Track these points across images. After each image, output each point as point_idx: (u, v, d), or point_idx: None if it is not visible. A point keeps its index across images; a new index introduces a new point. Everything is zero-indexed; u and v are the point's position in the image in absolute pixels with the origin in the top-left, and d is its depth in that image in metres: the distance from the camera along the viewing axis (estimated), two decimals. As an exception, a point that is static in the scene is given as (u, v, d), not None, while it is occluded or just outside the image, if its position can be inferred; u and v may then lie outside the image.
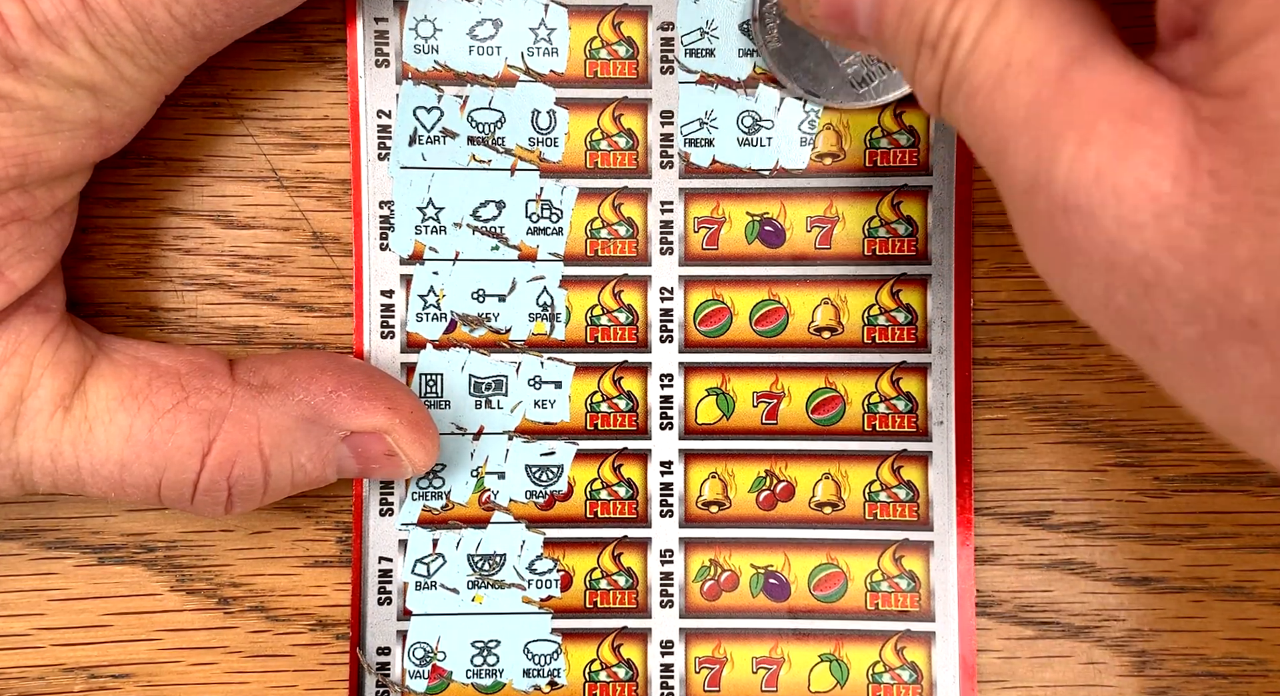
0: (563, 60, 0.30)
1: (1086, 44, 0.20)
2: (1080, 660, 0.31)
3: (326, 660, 0.30)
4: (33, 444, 0.26)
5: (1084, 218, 0.19)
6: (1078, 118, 0.19)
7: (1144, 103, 0.18)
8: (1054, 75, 0.20)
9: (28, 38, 0.23)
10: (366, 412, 0.27)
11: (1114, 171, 0.18)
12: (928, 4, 0.22)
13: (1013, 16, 0.21)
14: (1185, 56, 0.19)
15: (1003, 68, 0.20)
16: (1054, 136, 0.19)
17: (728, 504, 0.31)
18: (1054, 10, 0.20)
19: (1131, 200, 0.18)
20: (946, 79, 0.22)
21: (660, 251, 0.30)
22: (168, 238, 0.30)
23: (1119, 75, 0.19)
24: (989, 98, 0.20)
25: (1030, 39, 0.20)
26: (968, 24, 0.21)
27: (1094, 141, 0.18)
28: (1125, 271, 0.18)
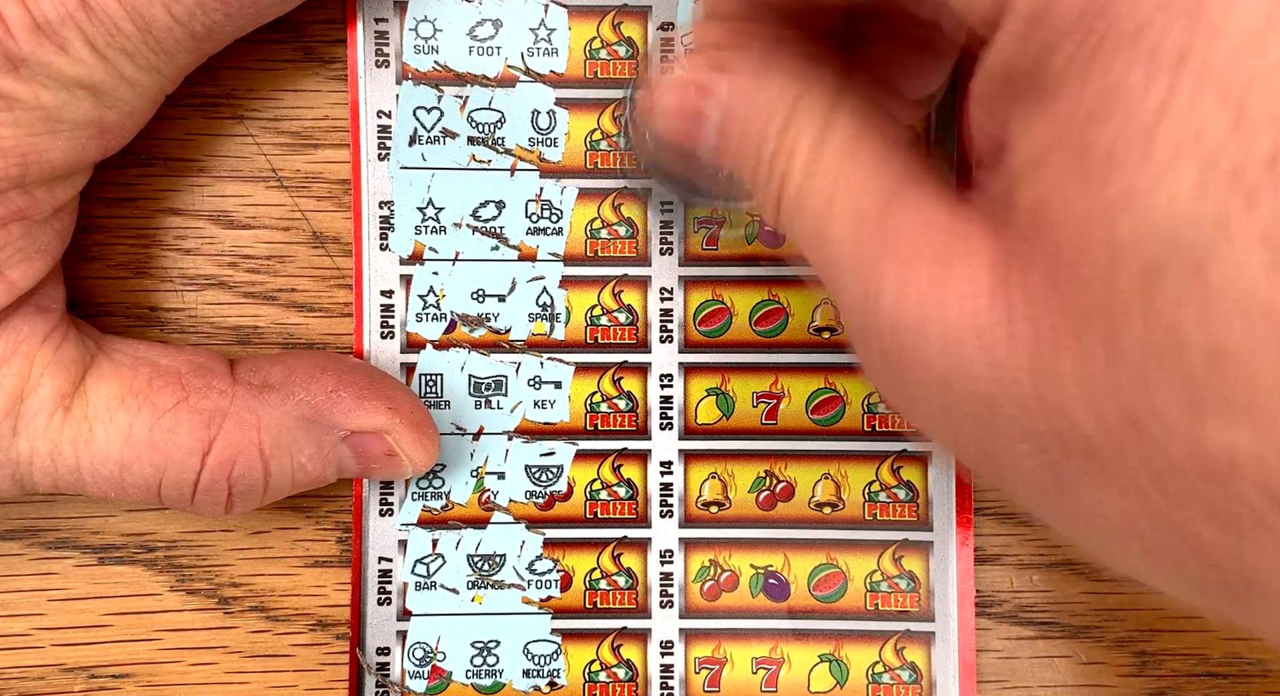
0: (563, 60, 0.30)
1: (902, 183, 0.20)
2: (1080, 660, 0.31)
3: (326, 660, 0.30)
4: (33, 444, 0.26)
5: (914, 347, 0.19)
6: (897, 254, 0.19)
7: (956, 236, 0.19)
8: (873, 216, 0.20)
9: (28, 38, 0.23)
10: (367, 412, 0.27)
11: (934, 301, 0.18)
12: (757, 142, 0.22)
13: (834, 156, 0.21)
14: (996, 175, 0.19)
15: (826, 208, 0.21)
16: (877, 273, 0.20)
17: (727, 504, 0.31)
18: (872, 152, 0.21)
19: (954, 326, 0.18)
20: (780, 211, 0.22)
21: (660, 251, 0.30)
22: (168, 238, 0.30)
23: (933, 212, 0.20)
24: (816, 236, 0.21)
25: (850, 179, 0.21)
26: (794, 164, 0.22)
27: (913, 275, 0.19)
28: (960, 396, 0.18)
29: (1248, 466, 0.15)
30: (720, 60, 0.23)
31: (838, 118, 0.22)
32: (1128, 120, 0.15)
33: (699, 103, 0.23)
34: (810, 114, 0.22)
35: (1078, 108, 0.16)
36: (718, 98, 0.23)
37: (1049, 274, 0.16)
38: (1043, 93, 0.17)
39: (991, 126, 0.19)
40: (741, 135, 0.23)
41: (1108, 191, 0.15)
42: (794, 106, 0.22)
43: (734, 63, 0.23)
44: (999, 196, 0.18)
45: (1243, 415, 0.14)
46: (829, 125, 0.22)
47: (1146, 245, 0.15)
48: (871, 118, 0.22)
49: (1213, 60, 0.14)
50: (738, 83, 0.23)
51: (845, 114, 0.22)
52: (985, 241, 0.18)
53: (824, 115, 0.22)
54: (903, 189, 0.20)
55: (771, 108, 0.22)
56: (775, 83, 0.23)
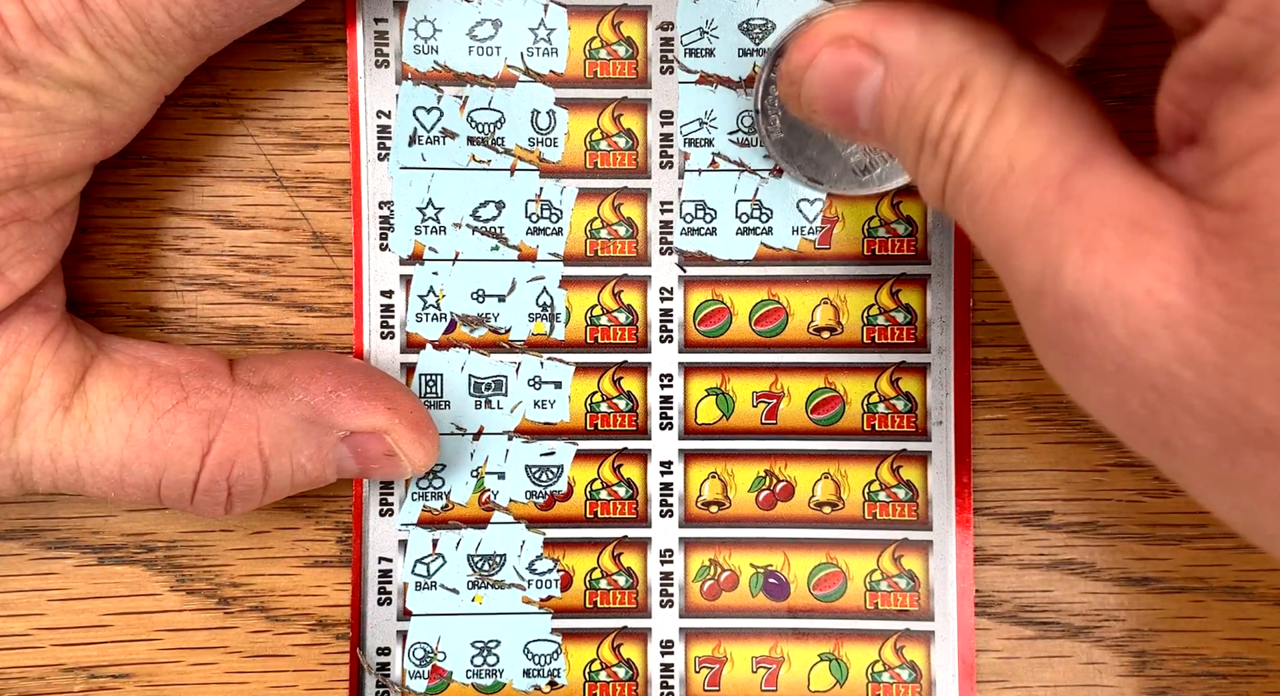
0: (562, 60, 0.30)
1: (1088, 149, 0.20)
2: (1080, 660, 0.31)
3: (326, 660, 0.30)
4: (33, 444, 0.26)
5: (1093, 326, 0.18)
6: (1082, 226, 0.19)
7: (1148, 212, 0.18)
8: (1056, 181, 0.19)
9: (27, 39, 0.23)
10: (366, 413, 0.27)
11: (1121, 281, 0.18)
12: (928, 104, 0.21)
13: (1013, 120, 0.20)
14: (1187, 162, 0.19)
15: (1004, 172, 0.20)
16: (1058, 244, 0.19)
17: (727, 504, 0.31)
18: (1055, 114, 0.20)
19: (1141, 310, 0.18)
20: (949, 179, 0.21)
21: (660, 251, 0.30)
22: (168, 238, 0.30)
23: (1122, 183, 0.19)
24: (991, 201, 0.20)
25: (1031, 144, 0.20)
26: (969, 126, 0.21)
27: (1099, 250, 0.18)
28: (1138, 380, 0.18)
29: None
30: (879, 21, 0.22)
31: (1017, 77, 0.21)
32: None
33: (859, 59, 0.22)
34: (987, 73, 0.21)
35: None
36: (881, 55, 0.22)
37: (1250, 259, 0.16)
38: (1258, 86, 0.17)
39: (1193, 103, 0.18)
40: (906, 98, 0.22)
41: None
42: (969, 64, 0.21)
43: (895, 25, 0.22)
44: (1193, 175, 0.18)
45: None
46: (1008, 85, 0.21)
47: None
48: (1053, 76, 0.21)
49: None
50: (902, 37, 0.22)
51: (1025, 72, 0.21)
52: (1180, 224, 0.18)
53: (1003, 74, 0.21)
54: (1088, 155, 0.20)
55: (944, 66, 0.21)
56: (945, 38, 0.21)
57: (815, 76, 0.23)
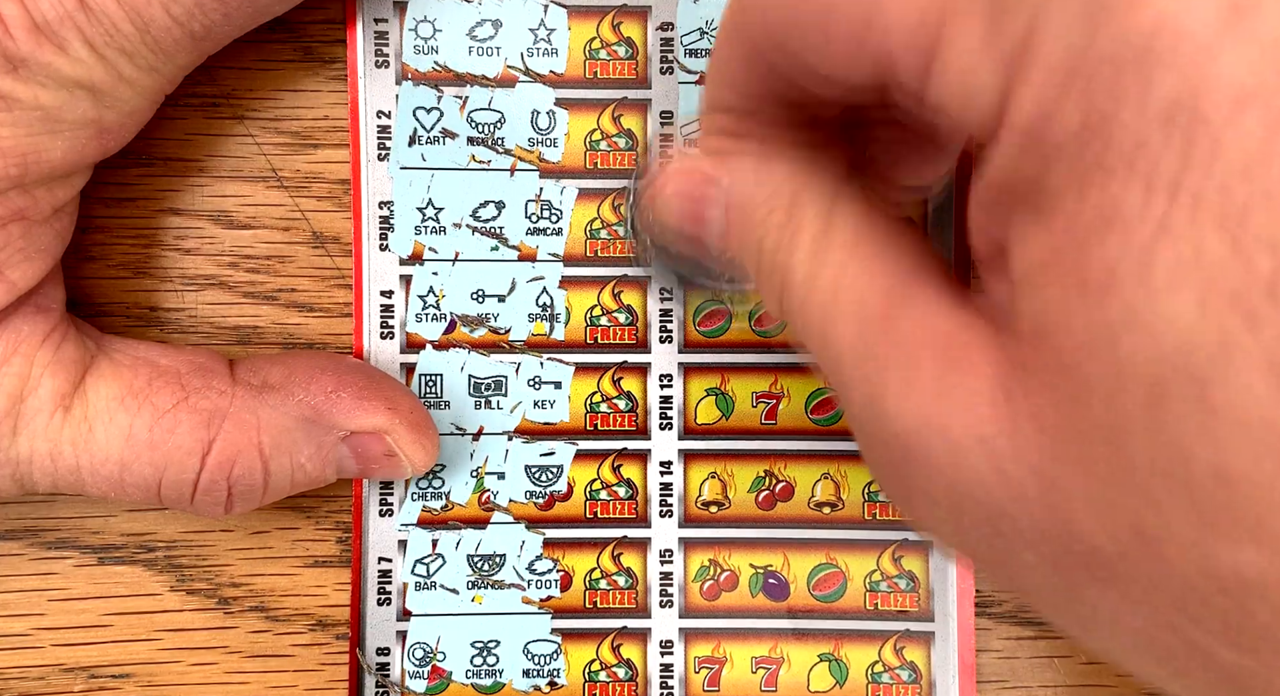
0: (562, 61, 0.30)
1: (907, 281, 0.20)
2: (1080, 660, 0.31)
3: (326, 660, 0.30)
4: (33, 444, 0.26)
5: (920, 460, 0.19)
6: (900, 360, 0.19)
7: (959, 345, 0.18)
8: (876, 315, 0.20)
9: (27, 38, 0.23)
10: (366, 413, 0.27)
11: (939, 416, 0.18)
12: (759, 235, 0.22)
13: (836, 252, 0.21)
14: (995, 288, 0.19)
15: (830, 303, 0.21)
16: (880, 378, 0.19)
17: (727, 504, 0.31)
18: (875, 248, 0.21)
19: (960, 444, 0.18)
20: (782, 305, 0.22)
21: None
22: (168, 238, 0.30)
23: (937, 314, 0.19)
24: (820, 332, 0.21)
25: (854, 277, 0.21)
26: (795, 258, 0.22)
27: (916, 386, 0.19)
28: (970, 512, 0.18)
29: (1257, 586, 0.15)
30: (723, 150, 0.23)
31: (839, 211, 0.22)
32: (1125, 241, 0.15)
33: (703, 190, 0.24)
34: (812, 208, 0.22)
35: (1075, 224, 0.16)
36: (721, 187, 0.23)
37: (1052, 389, 0.16)
38: (1041, 205, 0.17)
39: (991, 230, 0.18)
40: (744, 226, 0.23)
41: (1108, 311, 0.15)
42: (795, 200, 0.22)
43: (737, 152, 0.23)
44: (1000, 302, 0.18)
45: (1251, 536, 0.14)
46: (831, 220, 0.21)
47: (1149, 366, 0.15)
48: (874, 210, 0.22)
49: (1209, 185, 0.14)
50: (740, 173, 0.23)
51: (847, 207, 0.22)
52: (988, 349, 0.18)
53: (826, 209, 0.22)
54: (906, 286, 0.20)
55: (773, 201, 0.22)
56: (777, 174, 0.23)
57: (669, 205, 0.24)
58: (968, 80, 0.17)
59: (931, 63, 0.18)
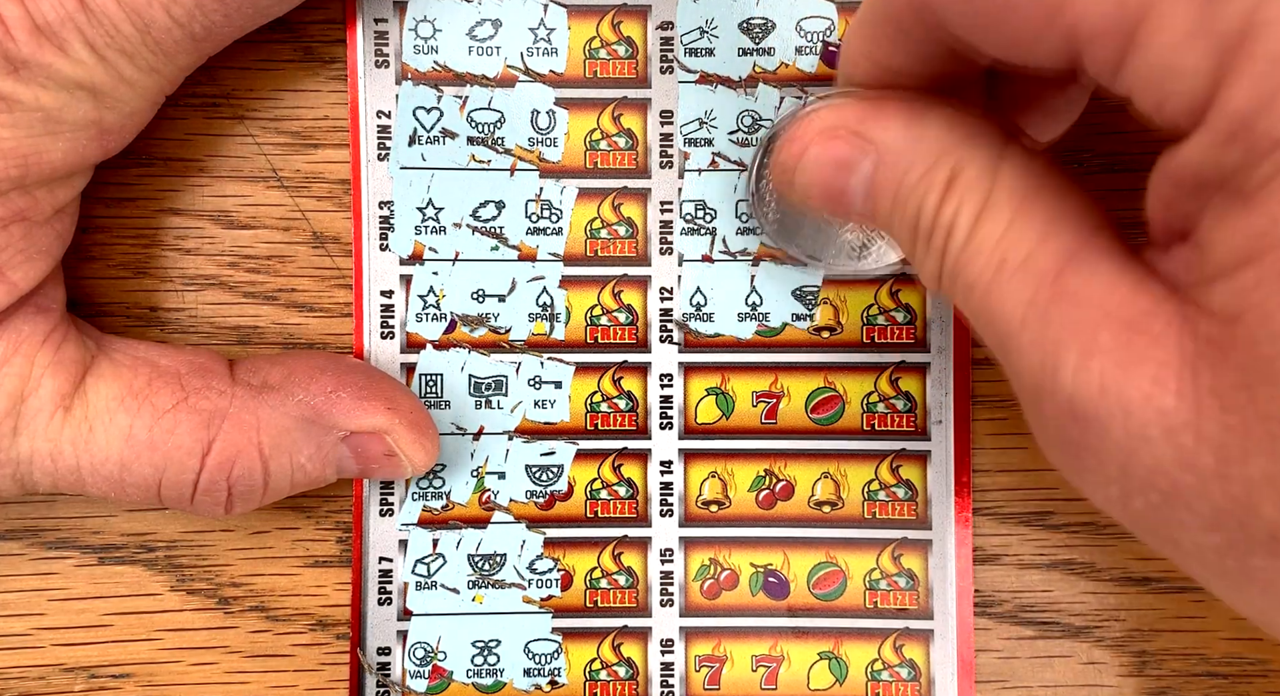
0: (562, 60, 0.30)
1: (1079, 243, 0.20)
2: (1080, 660, 0.31)
3: (326, 660, 0.30)
4: (33, 444, 0.26)
5: (1094, 429, 0.18)
6: (1077, 326, 0.19)
7: (1142, 313, 0.18)
8: (1049, 277, 0.20)
9: (28, 39, 0.23)
10: (366, 413, 0.27)
11: (1119, 385, 0.18)
12: (919, 196, 0.22)
13: (1004, 213, 0.20)
14: (1178, 260, 0.19)
15: (997, 266, 0.20)
16: (1054, 345, 0.19)
17: (727, 503, 0.31)
18: (1044, 207, 0.20)
19: (1139, 415, 0.18)
20: (944, 268, 0.21)
21: (660, 251, 0.30)
22: (168, 238, 0.30)
23: (1114, 280, 0.19)
24: (986, 294, 0.20)
25: (1022, 238, 0.20)
26: (960, 219, 0.21)
27: (1096, 353, 0.18)
28: (1141, 481, 0.18)
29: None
30: (868, 114, 0.23)
31: (1006, 168, 0.21)
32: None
33: (850, 151, 0.23)
34: (977, 164, 0.21)
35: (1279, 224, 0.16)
36: (872, 146, 0.22)
37: (1243, 371, 0.16)
38: (1241, 199, 0.17)
39: (1177, 207, 0.18)
40: (897, 189, 0.22)
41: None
42: (958, 156, 0.21)
43: (883, 116, 0.22)
44: (1186, 279, 0.18)
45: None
46: (997, 177, 0.21)
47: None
48: (1041, 166, 0.21)
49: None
50: (891, 131, 0.22)
51: (1013, 164, 0.21)
52: (1174, 329, 0.18)
53: (991, 166, 0.21)
54: (1080, 249, 0.20)
55: (933, 158, 0.21)
56: (933, 130, 0.22)
57: (808, 169, 0.24)
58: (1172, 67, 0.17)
59: (1129, 47, 0.17)
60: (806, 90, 0.30)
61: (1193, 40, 0.17)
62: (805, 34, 0.30)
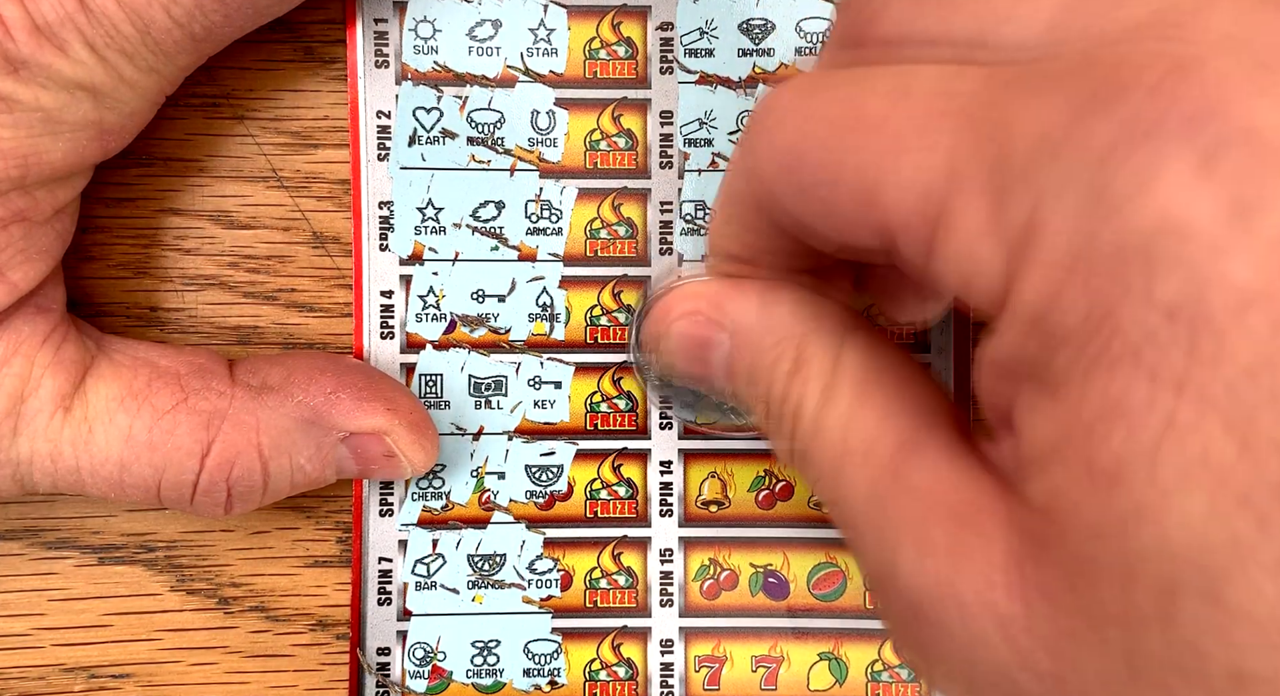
0: (562, 60, 0.30)
1: (916, 431, 0.20)
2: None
3: (326, 660, 0.30)
4: (33, 444, 0.26)
5: (935, 628, 0.18)
6: (911, 520, 0.19)
7: (972, 508, 0.18)
8: (887, 466, 0.20)
9: (28, 39, 0.23)
10: (366, 414, 0.27)
11: (952, 584, 0.18)
12: (767, 378, 0.22)
13: (844, 400, 0.21)
14: (1005, 448, 0.19)
15: (839, 453, 0.21)
16: (893, 537, 0.19)
17: (727, 503, 0.31)
18: (884, 393, 0.21)
19: (975, 614, 0.18)
20: (793, 449, 0.22)
21: (660, 251, 0.30)
22: (168, 238, 0.30)
23: (947, 472, 0.19)
24: (831, 480, 0.21)
25: (862, 425, 0.21)
26: (805, 403, 0.21)
27: (929, 550, 0.18)
28: (984, 680, 0.18)
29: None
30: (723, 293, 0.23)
31: (847, 356, 0.21)
32: (1132, 434, 0.15)
33: (707, 332, 0.24)
34: (819, 353, 0.22)
35: (1081, 411, 0.16)
36: (725, 328, 0.23)
37: (1064, 568, 0.16)
38: (1048, 386, 0.17)
39: (998, 394, 0.18)
40: (750, 371, 0.23)
41: (1117, 503, 0.15)
42: (801, 344, 0.22)
43: (740, 292, 0.23)
44: (1009, 468, 0.18)
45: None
46: (839, 365, 0.21)
47: (1161, 561, 0.15)
48: (883, 351, 0.22)
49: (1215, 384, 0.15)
50: (744, 315, 0.23)
51: (855, 350, 0.22)
52: (1000, 515, 0.18)
53: (833, 354, 0.22)
54: (917, 436, 0.20)
55: (779, 347, 0.22)
56: (782, 315, 0.23)
57: (671, 345, 0.25)
58: (971, 260, 0.17)
59: (934, 240, 0.18)
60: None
61: (987, 234, 0.17)
62: (805, 35, 0.30)
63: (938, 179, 0.18)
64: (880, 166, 0.18)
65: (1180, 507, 0.15)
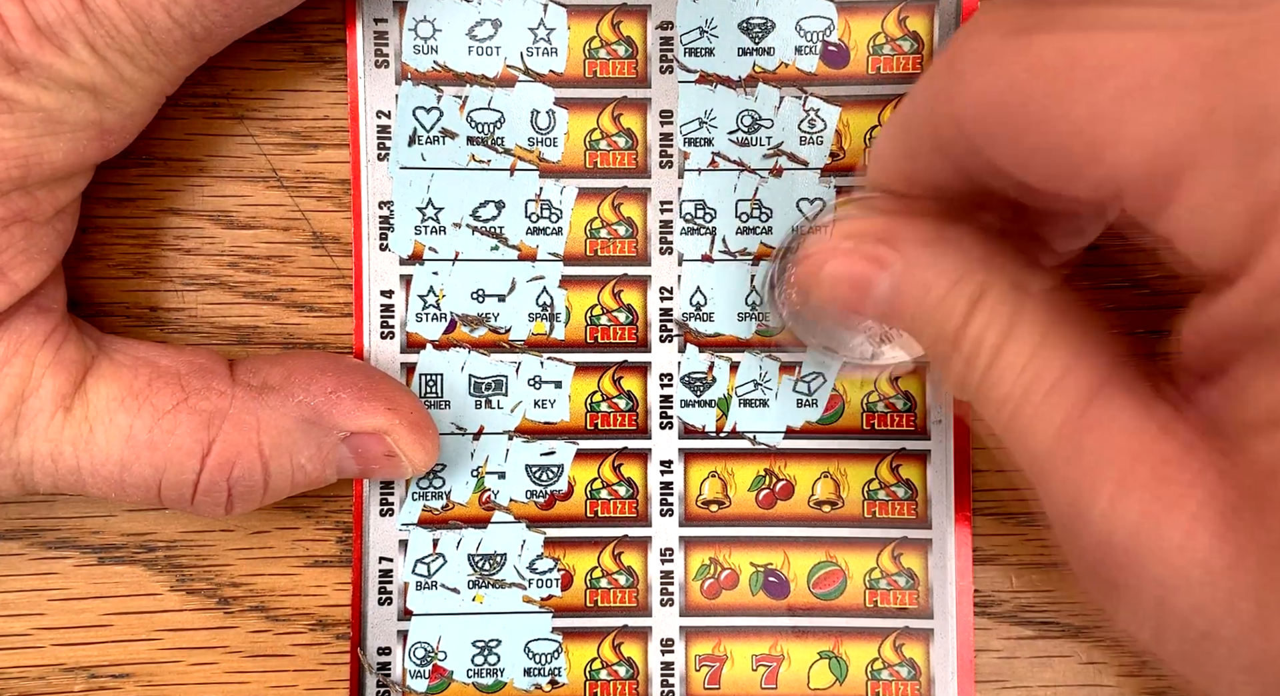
0: (562, 60, 0.30)
1: (1105, 376, 0.20)
2: (1080, 660, 0.31)
3: (326, 660, 0.30)
4: (34, 444, 0.26)
5: (1131, 566, 0.18)
6: (1110, 460, 0.19)
7: (1175, 456, 0.18)
8: (1078, 407, 0.19)
9: (28, 40, 0.23)
10: (366, 413, 0.27)
11: (1155, 526, 0.18)
12: (944, 312, 0.22)
13: (1031, 337, 0.20)
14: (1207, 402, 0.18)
15: (1025, 389, 0.20)
16: (1089, 480, 0.19)
17: (727, 502, 0.31)
18: (1070, 335, 0.20)
19: (1176, 560, 0.18)
20: (969, 382, 0.21)
21: (660, 251, 0.30)
22: (168, 238, 0.30)
23: (1144, 417, 0.19)
24: (1014, 417, 0.20)
25: (1050, 364, 0.20)
26: (985, 342, 0.21)
27: (1131, 493, 0.18)
28: (1176, 621, 0.18)
29: None
30: (890, 229, 0.23)
31: (1027, 299, 0.21)
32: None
33: (870, 271, 0.23)
34: (997, 296, 0.21)
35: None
36: (890, 269, 0.23)
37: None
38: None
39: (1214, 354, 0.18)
40: (918, 312, 0.22)
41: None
42: (982, 277, 0.21)
43: (905, 232, 0.23)
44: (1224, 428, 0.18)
45: None
46: (1019, 308, 0.21)
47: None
48: (1061, 299, 0.21)
49: None
50: (912, 255, 0.22)
51: (1034, 294, 0.21)
52: (1210, 476, 0.18)
53: (1012, 297, 0.21)
54: (1105, 385, 0.20)
55: (954, 288, 0.22)
56: (952, 259, 0.22)
57: (826, 283, 0.24)
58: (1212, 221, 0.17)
59: (1170, 197, 0.17)
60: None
61: (1234, 198, 0.17)
62: (805, 34, 0.30)
63: (1181, 136, 0.17)
64: (1114, 118, 0.18)
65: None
